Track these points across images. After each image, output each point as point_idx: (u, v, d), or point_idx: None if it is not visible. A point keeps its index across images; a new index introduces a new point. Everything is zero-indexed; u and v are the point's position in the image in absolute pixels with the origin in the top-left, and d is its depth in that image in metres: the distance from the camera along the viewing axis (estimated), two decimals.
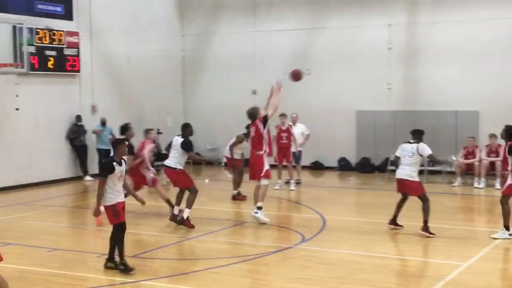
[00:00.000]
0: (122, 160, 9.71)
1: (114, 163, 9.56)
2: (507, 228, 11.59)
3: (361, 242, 11.63)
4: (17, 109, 18.09)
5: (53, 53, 18.99)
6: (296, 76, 13.71)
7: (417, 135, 12.24)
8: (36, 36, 18.34)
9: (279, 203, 15.96)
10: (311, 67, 22.45)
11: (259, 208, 12.88)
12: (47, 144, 19.14)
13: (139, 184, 13.65)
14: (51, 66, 18.97)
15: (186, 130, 13.11)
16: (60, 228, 13.18)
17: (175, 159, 12.86)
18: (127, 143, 12.90)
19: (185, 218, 12.62)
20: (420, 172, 12.84)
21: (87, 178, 19.85)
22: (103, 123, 20.15)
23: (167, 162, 13.00)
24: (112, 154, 9.88)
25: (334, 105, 21.90)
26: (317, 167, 22.06)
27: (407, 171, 12.01)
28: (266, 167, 13.09)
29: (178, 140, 12.92)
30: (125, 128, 13.72)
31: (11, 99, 17.75)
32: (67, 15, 19.57)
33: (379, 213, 13.78)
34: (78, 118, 19.86)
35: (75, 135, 19.78)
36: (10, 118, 18.03)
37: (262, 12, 23.16)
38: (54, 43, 19.01)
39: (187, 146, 12.78)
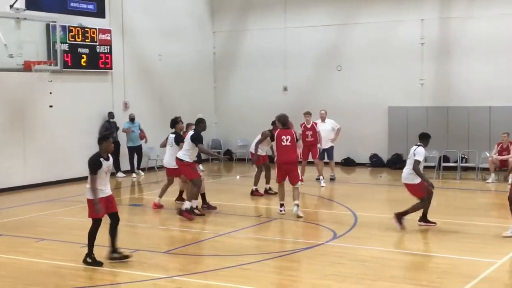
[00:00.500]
0: (108, 156, 10.10)
1: (101, 159, 9.95)
2: None
3: (393, 239, 11.55)
4: (50, 106, 18.32)
5: (86, 50, 19.20)
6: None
7: (423, 139, 12.28)
8: (69, 34, 18.58)
9: (310, 200, 15.90)
10: (342, 63, 22.48)
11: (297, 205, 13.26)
12: (79, 140, 19.33)
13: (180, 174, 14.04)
14: (84, 64, 19.18)
15: (200, 125, 13.66)
16: None
17: (184, 151, 13.39)
18: (173, 135, 13.41)
19: (183, 209, 13.02)
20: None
21: (119, 174, 20.03)
22: (132, 119, 20.31)
23: (177, 154, 13.49)
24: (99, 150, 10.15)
25: (365, 101, 21.78)
26: (348, 163, 21.97)
27: (405, 173, 12.22)
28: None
29: (189, 133, 13.53)
30: (175, 121, 14.53)
31: (44, 97, 17.97)
32: (100, 13, 19.74)
33: None
34: (110, 115, 20.04)
35: (107, 132, 19.93)
36: (43, 115, 18.26)
37: (293, 8, 23.10)
38: (86, 40, 19.21)
39: (196, 139, 13.30)
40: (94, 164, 9.90)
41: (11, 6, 15.00)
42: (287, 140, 13.28)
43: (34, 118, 18.09)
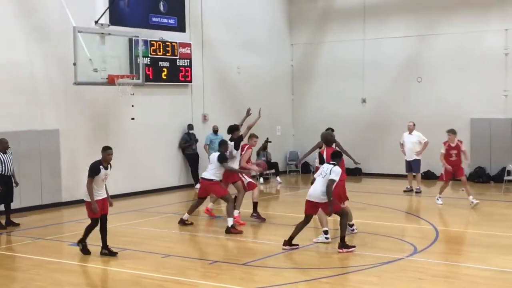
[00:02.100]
0: (108, 165, 11.34)
1: (101, 167, 11.20)
2: None
3: (477, 255, 11.22)
4: (132, 118, 18.72)
5: (167, 64, 19.59)
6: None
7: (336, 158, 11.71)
8: (151, 48, 19.04)
9: (390, 213, 15.66)
10: (422, 74, 22.11)
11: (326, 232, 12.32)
12: (160, 152, 19.73)
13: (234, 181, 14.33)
14: (165, 77, 19.57)
15: (223, 146, 14.08)
16: (173, 234, 13.50)
17: (211, 171, 13.75)
18: (233, 142, 13.69)
19: (229, 226, 13.17)
20: None
21: (198, 186, 20.22)
22: (215, 131, 20.52)
23: (204, 174, 13.89)
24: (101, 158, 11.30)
25: (446, 112, 21.34)
26: (428, 176, 21.52)
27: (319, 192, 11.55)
28: None
29: (215, 155, 13.89)
30: (235, 128, 14.84)
31: (127, 109, 18.41)
32: (180, 27, 20.11)
33: (495, 225, 13.27)
34: (190, 127, 20.33)
35: (187, 144, 20.24)
36: (125, 128, 18.70)
37: (372, 20, 22.91)
38: (167, 54, 19.60)
39: (222, 159, 13.67)
40: (93, 170, 11.17)
41: (96, 22, 15.43)
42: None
43: (117, 130, 18.55)
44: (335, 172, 11.30)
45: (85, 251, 11.51)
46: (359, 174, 22.78)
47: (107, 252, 11.41)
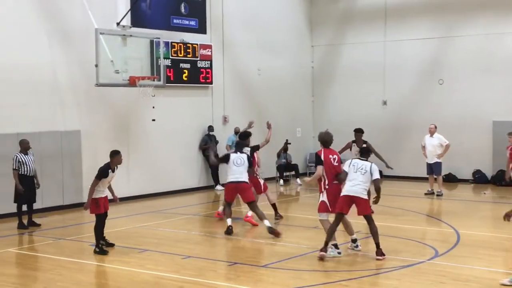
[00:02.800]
0: (115, 168, 11.80)
1: (109, 170, 11.68)
2: None
3: (499, 259, 11.12)
4: (153, 120, 18.85)
5: (187, 65, 19.66)
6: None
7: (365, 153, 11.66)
8: (171, 50, 19.11)
9: (411, 216, 15.56)
10: (444, 76, 21.97)
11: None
12: (180, 153, 19.79)
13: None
14: (185, 79, 19.63)
15: (244, 148, 14.04)
16: (193, 236, 13.52)
17: (245, 174, 13.45)
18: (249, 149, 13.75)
19: (270, 226, 13.00)
20: None
21: (218, 187, 20.29)
22: (237, 132, 20.52)
23: (240, 177, 13.30)
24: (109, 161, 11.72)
25: (468, 115, 21.20)
26: (450, 179, 21.37)
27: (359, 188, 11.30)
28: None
29: (243, 157, 13.51)
30: (249, 134, 14.71)
31: (147, 111, 18.51)
32: (201, 29, 20.17)
33: None
34: (210, 128, 20.38)
35: (207, 145, 20.28)
36: (146, 129, 18.79)
37: (393, 21, 22.81)
38: (188, 56, 19.67)
39: (250, 162, 13.63)
40: (102, 173, 11.65)
41: (118, 24, 15.53)
42: (334, 160, 11.48)
43: (138, 132, 18.64)
44: (377, 170, 11.28)
45: (103, 252, 11.72)
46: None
47: (104, 243, 11.94)
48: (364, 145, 14.51)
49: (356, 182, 11.06)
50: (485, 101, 21.00)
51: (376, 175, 11.19)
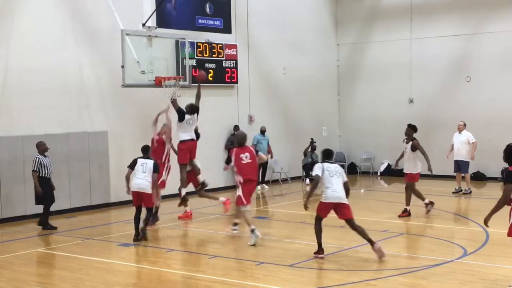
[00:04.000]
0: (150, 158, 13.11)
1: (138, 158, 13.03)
2: None
3: None
4: None
5: (213, 65, 19.71)
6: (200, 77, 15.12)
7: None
8: (197, 50, 19.17)
9: (440, 214, 15.43)
10: (471, 74, 21.75)
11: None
12: (206, 153, 19.76)
13: None
14: (211, 78, 19.67)
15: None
16: (219, 235, 13.55)
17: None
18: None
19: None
20: None
21: None
22: (263, 131, 20.57)
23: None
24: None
25: (496, 112, 20.98)
26: (478, 177, 21.17)
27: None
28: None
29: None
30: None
31: (173, 111, 18.53)
32: (226, 29, 20.21)
33: None
34: (236, 128, 20.39)
35: (233, 145, 20.25)
36: (172, 129, 18.81)
37: (419, 19, 22.65)
38: (213, 56, 19.72)
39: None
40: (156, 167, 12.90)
41: (143, 25, 15.62)
42: (246, 157, 12.53)
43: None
44: (344, 172, 11.39)
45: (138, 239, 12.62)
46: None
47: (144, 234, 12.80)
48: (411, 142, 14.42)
49: (338, 188, 10.98)
50: None
51: (346, 177, 11.20)
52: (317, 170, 10.98)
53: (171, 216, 15.63)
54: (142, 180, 12.74)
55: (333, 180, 10.93)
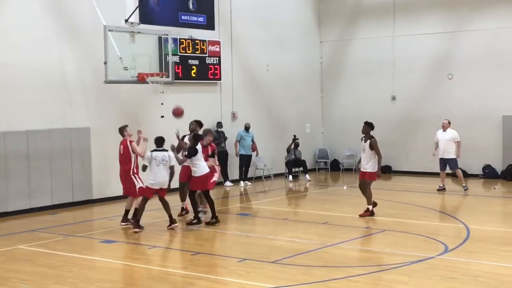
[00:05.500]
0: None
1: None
2: None
3: (510, 254, 11.08)
4: (162, 116, 18.79)
5: (196, 62, 19.66)
6: (176, 113, 15.00)
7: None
8: (180, 46, 19.12)
9: (421, 212, 15.53)
10: (453, 71, 21.89)
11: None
12: None
13: None
14: (194, 75, 19.63)
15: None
16: (203, 232, 13.53)
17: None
18: None
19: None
20: None
21: (228, 183, 20.31)
22: (247, 128, 20.57)
23: None
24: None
25: (478, 110, 21.13)
26: None
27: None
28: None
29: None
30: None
31: (156, 107, 18.48)
32: (209, 25, 20.17)
33: None
34: (219, 124, 20.38)
35: (216, 142, 20.24)
36: (155, 125, 18.75)
37: (402, 16, 22.75)
38: (196, 52, 19.67)
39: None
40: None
41: (126, 21, 15.53)
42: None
43: (147, 128, 18.52)
44: (174, 158, 13.67)
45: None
46: (389, 172, 22.66)
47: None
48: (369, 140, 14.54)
49: (163, 174, 13.27)
50: (495, 96, 20.92)
51: (174, 162, 13.21)
52: (145, 160, 13.33)
53: (152, 213, 15.59)
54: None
55: (157, 169, 13.10)
